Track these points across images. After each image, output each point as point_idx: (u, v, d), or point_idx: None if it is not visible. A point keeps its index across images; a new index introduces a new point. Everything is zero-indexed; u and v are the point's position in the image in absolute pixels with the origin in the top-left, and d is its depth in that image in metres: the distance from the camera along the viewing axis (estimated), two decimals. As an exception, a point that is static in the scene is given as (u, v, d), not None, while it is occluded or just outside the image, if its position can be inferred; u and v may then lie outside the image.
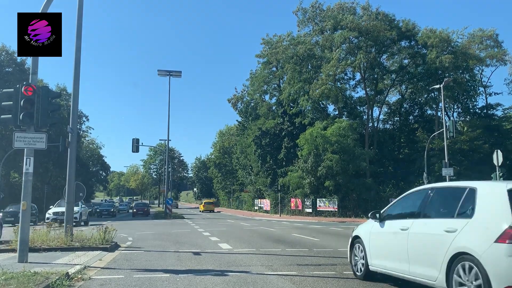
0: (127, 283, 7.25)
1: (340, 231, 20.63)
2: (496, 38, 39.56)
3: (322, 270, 8.65)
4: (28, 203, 9.30)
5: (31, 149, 9.32)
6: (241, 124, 63.12)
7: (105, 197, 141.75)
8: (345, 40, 39.14)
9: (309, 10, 43.48)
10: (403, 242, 6.26)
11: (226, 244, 13.62)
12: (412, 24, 39.91)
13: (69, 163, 13.10)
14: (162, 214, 40.61)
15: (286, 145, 45.04)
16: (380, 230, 7.09)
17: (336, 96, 39.02)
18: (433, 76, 38.01)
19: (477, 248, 4.88)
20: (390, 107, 48.54)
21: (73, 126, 13.32)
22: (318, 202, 38.59)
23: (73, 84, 13.39)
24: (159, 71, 40.47)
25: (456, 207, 5.63)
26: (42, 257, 9.96)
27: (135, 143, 40.51)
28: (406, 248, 6.17)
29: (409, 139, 43.47)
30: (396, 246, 6.47)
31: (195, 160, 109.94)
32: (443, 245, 5.39)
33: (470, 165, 36.42)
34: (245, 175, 60.33)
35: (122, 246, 13.15)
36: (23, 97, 9.10)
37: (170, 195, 47.75)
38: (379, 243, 7.07)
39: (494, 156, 27.47)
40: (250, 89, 56.10)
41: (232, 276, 7.84)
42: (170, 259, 10.21)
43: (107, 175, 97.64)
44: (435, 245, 5.57)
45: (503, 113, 43.70)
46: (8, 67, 44.84)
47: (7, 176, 45.07)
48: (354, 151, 36.66)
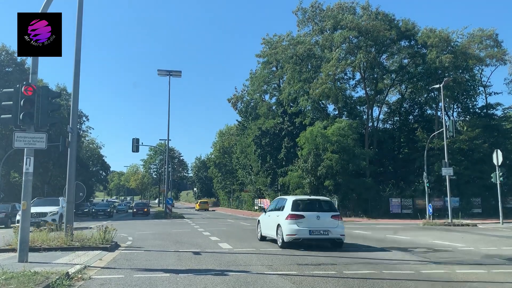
0: (127, 282, 7.26)
1: (340, 231, 20.63)
2: (496, 37, 39.48)
3: (322, 270, 8.67)
4: (28, 203, 9.31)
5: (31, 149, 9.33)
6: (241, 124, 63.07)
7: (106, 196, 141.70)
8: (345, 40, 39.10)
9: (309, 10, 43.42)
10: (269, 221, 14.01)
11: (226, 244, 13.64)
12: (412, 24, 39.87)
13: (69, 163, 13.11)
14: (162, 214, 40.62)
15: (286, 145, 45.02)
16: (264, 217, 14.90)
17: (336, 95, 38.98)
18: (433, 76, 37.97)
19: (282, 222, 12.51)
20: (390, 107, 48.49)
21: (73, 126, 13.33)
22: (318, 202, 38.55)
23: (73, 84, 13.40)
24: (159, 71, 40.47)
25: (281, 206, 13.39)
26: (42, 256, 9.97)
27: (135, 142, 40.49)
28: (269, 224, 13.87)
29: (409, 138, 43.43)
30: (267, 223, 14.18)
31: (195, 159, 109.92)
32: (276, 221, 13.02)
33: (470, 165, 36.41)
34: (245, 175, 60.32)
35: (122, 246, 13.17)
36: (23, 97, 9.11)
37: (170, 194, 47.73)
38: (264, 222, 14.82)
39: (494, 155, 27.52)
40: (250, 89, 56.02)
41: (232, 276, 7.86)
42: (170, 259, 10.22)
43: (107, 175, 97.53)
44: (275, 222, 13.14)
45: (503, 113, 43.64)
46: (8, 67, 44.80)
47: (7, 176, 45.06)
48: (354, 151, 36.66)
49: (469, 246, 13.50)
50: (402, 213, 35.73)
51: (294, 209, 12.63)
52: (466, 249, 12.84)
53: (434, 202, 33.50)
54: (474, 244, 14.28)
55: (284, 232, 12.31)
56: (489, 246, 13.77)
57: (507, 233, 19.50)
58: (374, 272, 8.43)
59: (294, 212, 12.49)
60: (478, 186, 36.54)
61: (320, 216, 12.53)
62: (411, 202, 36.56)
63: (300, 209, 12.68)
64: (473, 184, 37.17)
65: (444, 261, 10.15)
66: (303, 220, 12.31)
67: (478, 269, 8.95)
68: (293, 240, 12.26)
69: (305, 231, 12.18)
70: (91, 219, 36.45)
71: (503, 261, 10.36)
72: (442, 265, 9.46)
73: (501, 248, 13.10)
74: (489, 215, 33.72)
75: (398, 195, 37.22)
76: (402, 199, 36.72)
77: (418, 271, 8.60)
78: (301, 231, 12.18)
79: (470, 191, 36.88)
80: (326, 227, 12.37)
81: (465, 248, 12.96)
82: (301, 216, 12.37)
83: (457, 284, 7.38)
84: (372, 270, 8.73)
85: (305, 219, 12.33)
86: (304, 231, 12.18)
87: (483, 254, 11.61)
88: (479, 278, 7.93)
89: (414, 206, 35.94)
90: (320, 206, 13.27)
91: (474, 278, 7.97)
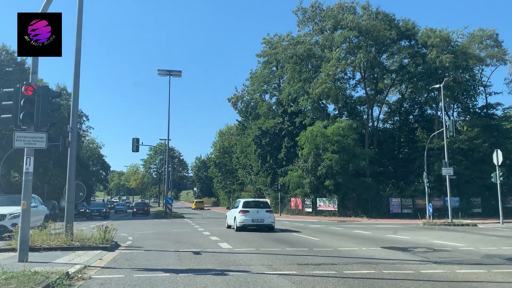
0: (127, 282, 7.26)
1: (340, 231, 20.65)
2: (496, 37, 39.48)
3: (322, 270, 8.67)
4: (28, 203, 9.31)
5: (31, 149, 9.32)
6: (241, 124, 63.06)
7: (105, 196, 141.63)
8: (345, 40, 39.09)
9: (309, 9, 43.43)
10: (230, 215, 21.20)
11: (226, 244, 13.65)
12: (412, 24, 39.87)
13: (69, 163, 13.11)
14: (162, 214, 40.63)
15: (286, 144, 45.03)
16: (229, 213, 22.11)
17: (336, 95, 38.99)
18: (433, 76, 37.96)
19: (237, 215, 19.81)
20: (390, 107, 48.48)
21: (73, 125, 13.33)
22: (318, 202, 38.62)
23: (73, 84, 13.39)
24: (159, 70, 40.47)
25: (237, 205, 20.67)
26: (42, 256, 9.97)
27: (135, 142, 40.51)
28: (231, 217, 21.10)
29: (409, 138, 43.42)
30: (230, 217, 21.32)
31: (195, 159, 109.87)
32: (234, 215, 20.20)
33: (470, 165, 36.43)
34: (245, 175, 60.32)
35: (122, 246, 13.17)
36: (23, 96, 9.10)
37: (170, 194, 47.73)
38: (228, 216, 22.00)
39: (494, 155, 27.51)
40: (250, 89, 56.04)
41: (232, 276, 7.85)
42: (170, 259, 10.22)
43: (107, 174, 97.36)
44: (233, 215, 20.30)
45: (503, 113, 43.65)
46: (8, 67, 44.77)
47: (7, 176, 45.05)
48: (354, 151, 36.66)
49: (469, 246, 13.50)
50: (402, 213, 35.73)
51: (243, 207, 20.04)
52: (466, 249, 12.84)
53: (434, 202, 33.50)
54: (474, 244, 14.28)
55: (237, 221, 19.58)
56: (489, 246, 13.77)
57: (507, 233, 19.50)
58: (374, 272, 8.43)
59: (243, 208, 19.89)
60: (478, 186, 36.55)
61: (259, 211, 19.87)
62: (411, 202, 36.55)
63: (247, 207, 20.06)
64: (473, 184, 37.17)
65: (444, 261, 10.14)
66: (248, 213, 19.67)
67: (478, 269, 8.95)
68: (242, 225, 19.43)
69: (249, 220, 19.53)
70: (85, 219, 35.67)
71: (503, 261, 10.36)
72: (442, 265, 9.46)
73: (501, 248, 13.10)
74: (489, 215, 33.72)
75: (398, 195, 37.22)
76: (402, 199, 36.71)
77: (418, 271, 8.59)
78: (247, 220, 19.52)
79: (470, 191, 36.88)
80: (262, 217, 19.72)
81: (465, 248, 12.96)
82: (247, 211, 19.73)
83: (457, 284, 7.38)
84: (372, 270, 8.73)
85: (249, 213, 19.69)
86: (249, 220, 19.53)
87: (483, 254, 11.61)
88: (479, 278, 7.92)
89: (414, 206, 35.94)
90: (260, 205, 20.72)
91: (474, 278, 7.96)
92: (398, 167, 43.81)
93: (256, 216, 19.53)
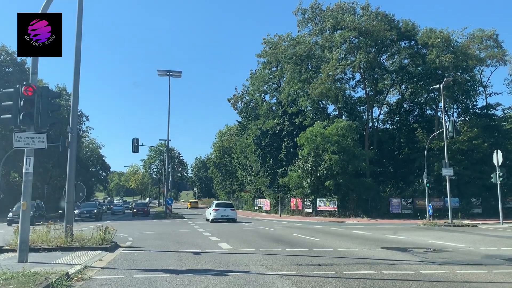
0: (127, 283, 7.26)
1: (340, 231, 20.65)
2: (496, 38, 39.47)
3: (322, 270, 8.67)
4: (28, 203, 9.31)
5: (31, 149, 9.32)
6: (241, 124, 63.07)
7: (103, 196, 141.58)
8: (345, 40, 39.07)
9: (308, 10, 43.42)
10: (208, 212, 31.91)
11: (226, 244, 13.65)
12: (412, 24, 39.84)
13: (69, 163, 13.11)
14: (162, 214, 40.63)
15: (286, 145, 45.03)
16: (207, 210, 33.40)
17: (335, 96, 38.99)
18: (433, 76, 37.96)
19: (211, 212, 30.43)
20: (390, 107, 48.47)
21: (73, 126, 13.33)
22: (318, 202, 38.62)
23: (73, 84, 13.40)
24: (159, 71, 40.49)
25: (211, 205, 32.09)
26: (42, 257, 9.97)
27: (135, 143, 40.50)
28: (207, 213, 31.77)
29: (409, 139, 43.42)
30: (208, 213, 31.69)
31: (195, 160, 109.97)
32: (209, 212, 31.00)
33: (470, 165, 36.42)
34: (245, 175, 60.33)
35: (122, 246, 13.17)
36: (23, 97, 9.10)
37: (170, 195, 47.74)
38: (207, 213, 32.43)
39: (494, 156, 27.51)
40: (250, 89, 56.05)
41: (232, 276, 7.85)
42: (170, 259, 10.22)
43: (107, 175, 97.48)
44: (209, 212, 31.02)
45: (503, 113, 43.63)
46: (8, 67, 44.81)
47: (7, 176, 45.05)
48: (354, 151, 36.65)
49: (469, 246, 13.50)
50: (402, 213, 35.71)
51: (216, 206, 30.52)
52: (466, 249, 12.84)
53: (434, 202, 33.50)
54: (474, 244, 14.27)
55: (211, 216, 29.66)
56: (489, 246, 13.76)
57: (507, 233, 19.50)
58: (374, 272, 8.43)
59: (215, 207, 30.20)
60: (478, 186, 36.53)
61: (225, 209, 29.96)
62: (411, 202, 36.53)
63: (218, 206, 30.52)
64: (473, 184, 37.15)
65: (444, 261, 10.14)
66: (218, 211, 29.68)
67: (478, 269, 8.95)
68: (214, 219, 29.23)
69: (219, 215, 29.45)
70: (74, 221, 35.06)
71: (503, 261, 10.35)
72: (442, 266, 9.46)
73: (501, 249, 13.10)
74: (489, 215, 33.72)
75: (398, 195, 37.20)
76: (402, 199, 36.69)
77: (418, 271, 8.59)
78: (217, 215, 29.42)
79: (470, 191, 36.87)
80: (228, 213, 29.59)
81: (465, 248, 12.96)
82: (217, 209, 29.86)
83: (457, 285, 7.38)
84: (372, 270, 8.73)
85: (219, 210, 29.78)
86: (218, 215, 29.43)
87: (483, 254, 11.61)
88: (479, 279, 7.92)
89: (414, 206, 35.92)
90: (226, 205, 31.52)
91: (474, 278, 7.96)
92: (398, 168, 43.80)
93: (223, 212, 29.52)
